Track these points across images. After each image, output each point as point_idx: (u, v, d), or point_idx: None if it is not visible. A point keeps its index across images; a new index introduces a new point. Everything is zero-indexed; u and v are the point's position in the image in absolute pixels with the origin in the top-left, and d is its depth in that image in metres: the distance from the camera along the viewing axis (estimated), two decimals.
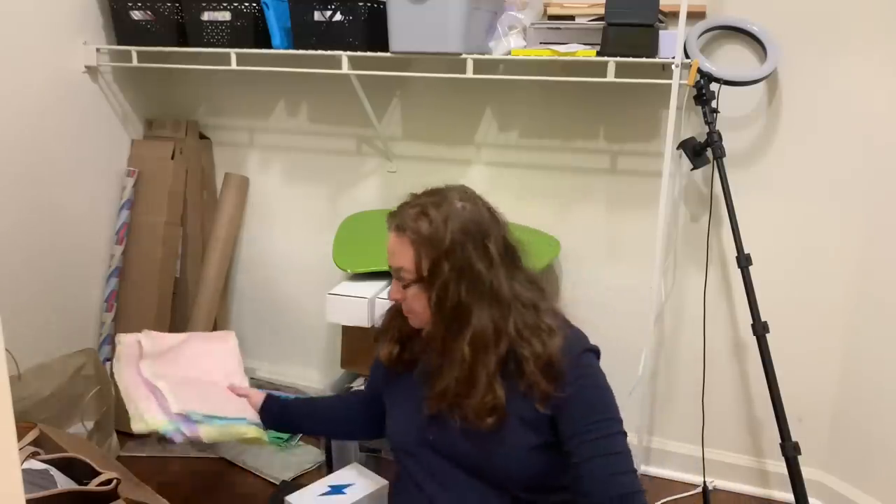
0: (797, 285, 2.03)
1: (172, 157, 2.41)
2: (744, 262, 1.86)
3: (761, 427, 2.15)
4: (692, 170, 1.94)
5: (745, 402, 2.16)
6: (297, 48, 2.07)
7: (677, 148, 1.91)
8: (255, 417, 1.54)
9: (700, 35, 1.91)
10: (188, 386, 1.51)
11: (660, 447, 2.23)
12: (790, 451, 1.81)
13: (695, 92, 1.87)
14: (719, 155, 1.87)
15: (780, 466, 2.13)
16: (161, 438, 1.39)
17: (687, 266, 2.13)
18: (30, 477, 1.44)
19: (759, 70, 1.87)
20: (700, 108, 1.88)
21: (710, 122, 1.86)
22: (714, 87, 1.88)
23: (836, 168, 1.93)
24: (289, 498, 1.64)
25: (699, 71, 1.83)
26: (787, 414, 2.10)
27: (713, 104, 1.87)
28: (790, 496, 2.12)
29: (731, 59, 1.95)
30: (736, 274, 2.08)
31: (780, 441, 1.83)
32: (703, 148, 1.89)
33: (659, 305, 2.12)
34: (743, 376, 2.14)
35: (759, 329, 1.85)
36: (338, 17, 1.99)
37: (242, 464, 2.25)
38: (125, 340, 1.61)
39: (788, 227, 2.01)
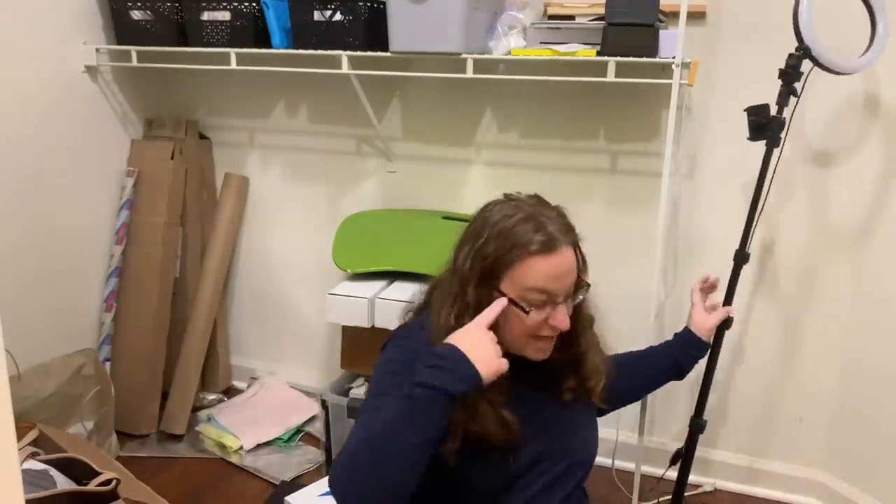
0: (797, 285, 2.03)
1: (172, 157, 2.41)
2: (741, 259, 1.77)
3: (761, 427, 2.15)
4: (748, 139, 1.72)
5: (743, 403, 2.15)
6: (297, 48, 2.07)
7: (745, 109, 1.70)
8: None
9: None
10: None
11: (659, 447, 2.23)
12: (698, 429, 1.81)
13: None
14: (771, 144, 1.68)
15: (779, 466, 2.14)
16: None
17: (687, 266, 2.12)
18: (29, 477, 1.44)
19: (864, 59, 1.64)
20: (782, 85, 1.65)
21: (779, 104, 1.65)
22: (805, 66, 1.63)
23: (836, 168, 1.93)
24: (289, 498, 1.64)
25: (801, 44, 1.59)
26: (787, 414, 2.11)
27: (796, 86, 1.63)
28: (790, 496, 2.14)
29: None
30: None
31: (692, 415, 1.82)
32: (767, 125, 1.68)
33: (658, 305, 2.12)
34: (741, 376, 2.14)
35: (723, 323, 1.76)
36: (338, 16, 1.99)
37: (242, 464, 2.25)
38: None
39: (788, 227, 2.01)
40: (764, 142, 1.69)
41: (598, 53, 1.80)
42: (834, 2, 1.69)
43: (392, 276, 2.09)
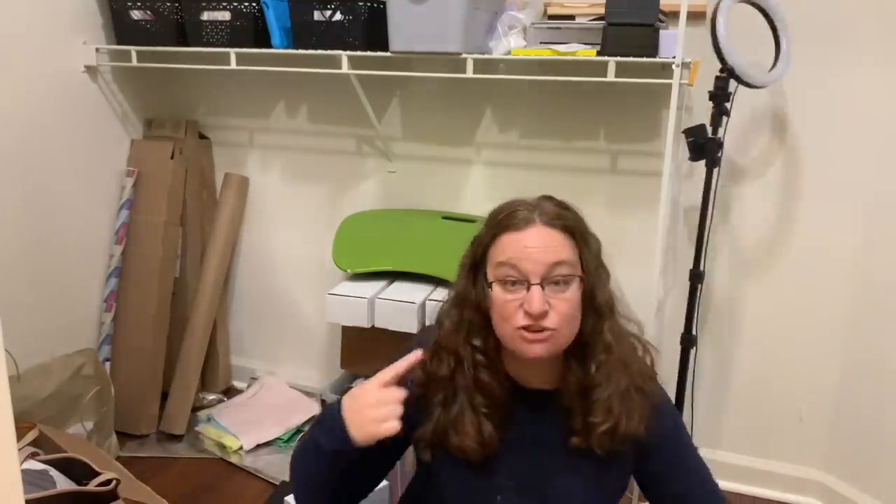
0: (798, 286, 2.03)
1: (172, 157, 2.41)
2: (696, 279, 1.86)
3: (760, 427, 2.15)
4: (690, 159, 1.83)
5: (743, 403, 2.15)
6: (297, 48, 2.07)
7: (682, 132, 1.80)
8: None
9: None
10: None
11: None
12: None
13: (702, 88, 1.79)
14: (710, 164, 1.77)
15: (779, 466, 2.14)
16: None
17: (687, 266, 2.12)
18: (29, 477, 1.44)
19: (775, 72, 1.76)
20: (713, 107, 1.74)
21: (713, 125, 1.75)
22: (731, 86, 1.72)
23: (837, 170, 1.92)
24: (288, 498, 1.64)
25: (725, 66, 1.68)
26: (787, 414, 2.11)
27: (727, 105, 1.73)
28: (790, 496, 2.14)
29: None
30: (737, 274, 2.08)
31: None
32: (705, 145, 1.78)
33: (658, 305, 2.12)
34: (741, 376, 2.14)
35: (687, 342, 1.89)
36: (338, 16, 1.99)
37: (242, 464, 2.25)
38: None
39: (790, 228, 2.01)
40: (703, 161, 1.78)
41: (598, 53, 1.80)
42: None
43: (392, 276, 2.09)
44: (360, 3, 1.96)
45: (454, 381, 1.07)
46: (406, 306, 1.90)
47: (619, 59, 1.77)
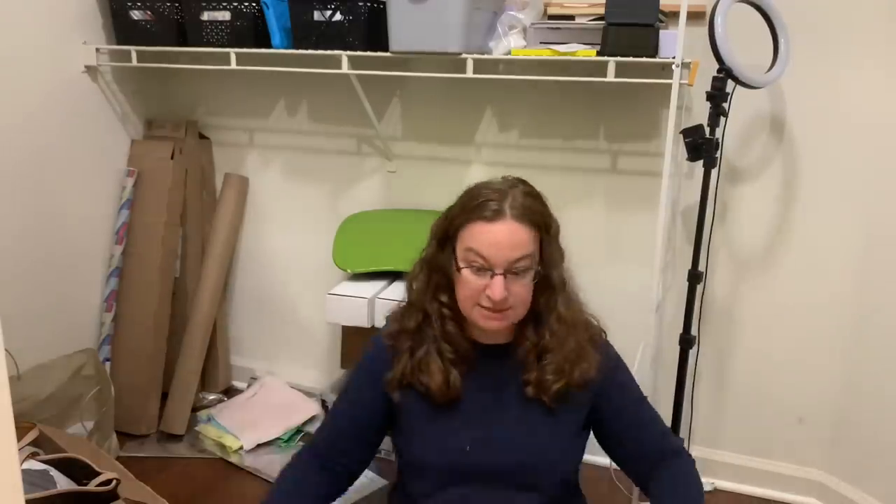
0: (798, 287, 2.03)
1: (172, 157, 2.41)
2: (695, 279, 1.87)
3: (760, 427, 2.15)
4: (688, 159, 1.83)
5: (743, 403, 2.15)
6: (297, 48, 2.07)
7: (680, 132, 1.80)
8: None
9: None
10: None
11: None
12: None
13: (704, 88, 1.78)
14: (708, 165, 1.77)
15: (779, 466, 2.14)
16: None
17: (686, 266, 2.12)
18: (29, 477, 1.44)
19: (773, 72, 1.77)
20: (711, 107, 1.75)
21: (711, 125, 1.75)
22: (729, 86, 1.73)
23: (837, 170, 1.92)
24: None
25: (722, 66, 1.69)
26: (787, 414, 2.11)
27: (725, 106, 1.74)
28: (790, 496, 2.14)
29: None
30: (737, 274, 2.08)
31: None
32: (703, 145, 1.79)
33: (658, 305, 2.12)
34: (741, 376, 2.14)
35: (686, 342, 1.90)
36: (338, 16, 1.99)
37: (242, 464, 2.25)
38: None
39: (789, 228, 2.01)
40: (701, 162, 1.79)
41: (598, 53, 1.80)
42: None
43: (392, 276, 2.09)
44: (360, 3, 1.96)
45: (422, 332, 1.21)
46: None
47: (618, 59, 1.77)
